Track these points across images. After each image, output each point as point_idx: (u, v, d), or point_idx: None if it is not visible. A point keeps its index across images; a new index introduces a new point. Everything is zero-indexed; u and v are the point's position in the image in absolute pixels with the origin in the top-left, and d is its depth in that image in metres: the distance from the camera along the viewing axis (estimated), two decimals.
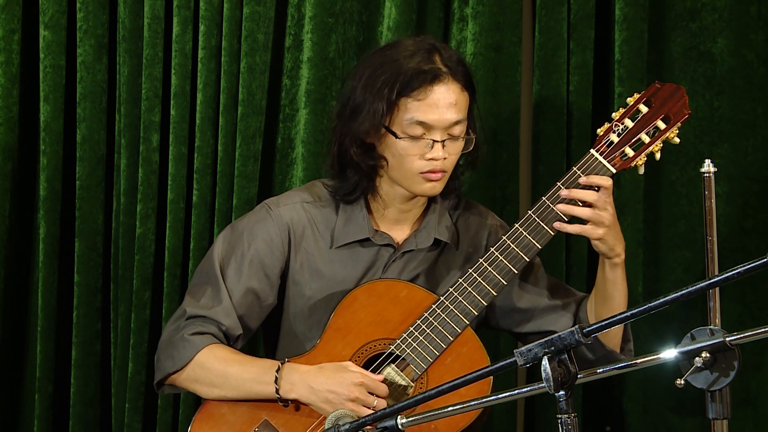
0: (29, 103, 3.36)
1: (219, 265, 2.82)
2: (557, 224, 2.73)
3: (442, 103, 2.70)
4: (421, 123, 2.70)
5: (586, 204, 2.72)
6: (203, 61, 3.29)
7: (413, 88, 2.68)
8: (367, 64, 2.77)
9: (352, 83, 2.78)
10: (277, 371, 2.70)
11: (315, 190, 2.89)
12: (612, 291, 2.79)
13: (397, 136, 2.71)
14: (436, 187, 2.76)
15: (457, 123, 2.72)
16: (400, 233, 2.85)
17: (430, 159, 2.71)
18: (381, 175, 2.80)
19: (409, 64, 2.70)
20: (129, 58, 3.31)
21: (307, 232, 2.83)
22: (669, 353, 1.96)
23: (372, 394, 2.67)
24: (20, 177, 3.37)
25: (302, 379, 2.69)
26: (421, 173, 2.73)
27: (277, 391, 2.70)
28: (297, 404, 2.72)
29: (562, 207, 2.73)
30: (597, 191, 2.71)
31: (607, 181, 2.72)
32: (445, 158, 2.72)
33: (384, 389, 2.69)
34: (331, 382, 2.67)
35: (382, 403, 2.67)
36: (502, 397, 2.07)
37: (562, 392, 1.90)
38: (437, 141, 2.71)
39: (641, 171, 2.78)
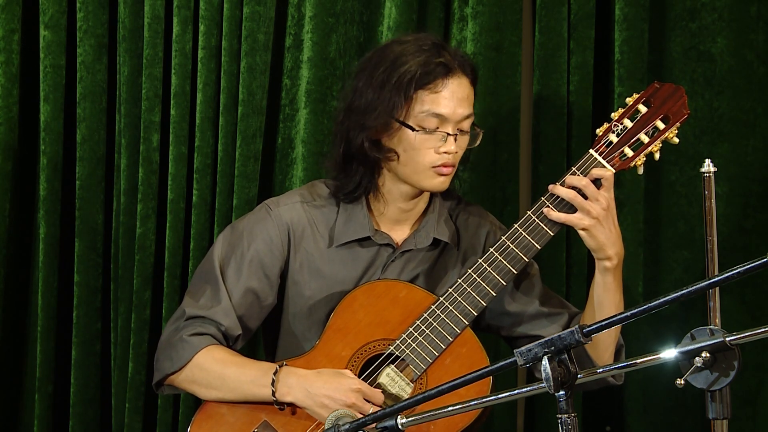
0: (29, 103, 3.36)
1: (219, 266, 2.82)
2: (546, 210, 2.73)
3: (456, 97, 2.71)
4: (436, 115, 2.70)
5: (582, 194, 2.72)
6: (203, 61, 3.28)
7: (429, 81, 2.69)
8: (373, 61, 2.77)
9: (357, 81, 2.78)
10: (274, 374, 2.70)
11: (315, 189, 2.89)
12: (602, 297, 2.76)
13: (413, 129, 2.71)
14: (445, 183, 2.76)
15: (467, 117, 2.73)
16: (399, 233, 2.85)
17: (444, 152, 2.72)
18: (384, 173, 2.80)
19: (420, 58, 2.71)
20: (129, 58, 3.31)
21: (307, 232, 2.83)
22: (669, 353, 1.96)
23: (368, 401, 2.67)
24: (20, 177, 3.37)
25: (299, 383, 2.69)
26: (434, 167, 2.73)
27: (273, 393, 2.69)
28: (295, 407, 2.72)
29: (556, 189, 2.73)
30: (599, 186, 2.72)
31: (606, 172, 2.72)
32: (456, 152, 2.73)
33: (380, 398, 2.69)
34: (328, 387, 2.67)
35: None
36: (502, 397, 2.07)
37: (562, 392, 1.90)
38: (450, 134, 2.71)
39: (640, 171, 2.78)
